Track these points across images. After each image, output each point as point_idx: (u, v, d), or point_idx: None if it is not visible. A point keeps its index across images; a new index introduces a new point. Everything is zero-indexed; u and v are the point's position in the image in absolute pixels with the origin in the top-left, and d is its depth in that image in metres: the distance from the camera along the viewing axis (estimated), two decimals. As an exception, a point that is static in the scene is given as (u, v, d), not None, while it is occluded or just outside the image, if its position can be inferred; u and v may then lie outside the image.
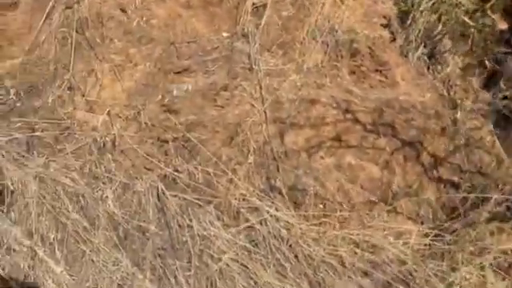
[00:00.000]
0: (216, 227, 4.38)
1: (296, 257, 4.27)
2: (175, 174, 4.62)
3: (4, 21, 5.07)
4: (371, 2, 5.16)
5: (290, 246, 4.31)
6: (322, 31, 4.94)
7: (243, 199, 4.51)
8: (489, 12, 5.02)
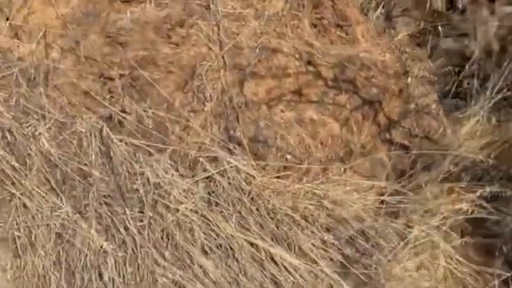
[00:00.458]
0: (171, 174, 3.93)
1: (258, 210, 3.98)
2: (122, 114, 4.08)
3: None
4: None
5: (252, 198, 4.00)
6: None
7: (199, 148, 4.12)
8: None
